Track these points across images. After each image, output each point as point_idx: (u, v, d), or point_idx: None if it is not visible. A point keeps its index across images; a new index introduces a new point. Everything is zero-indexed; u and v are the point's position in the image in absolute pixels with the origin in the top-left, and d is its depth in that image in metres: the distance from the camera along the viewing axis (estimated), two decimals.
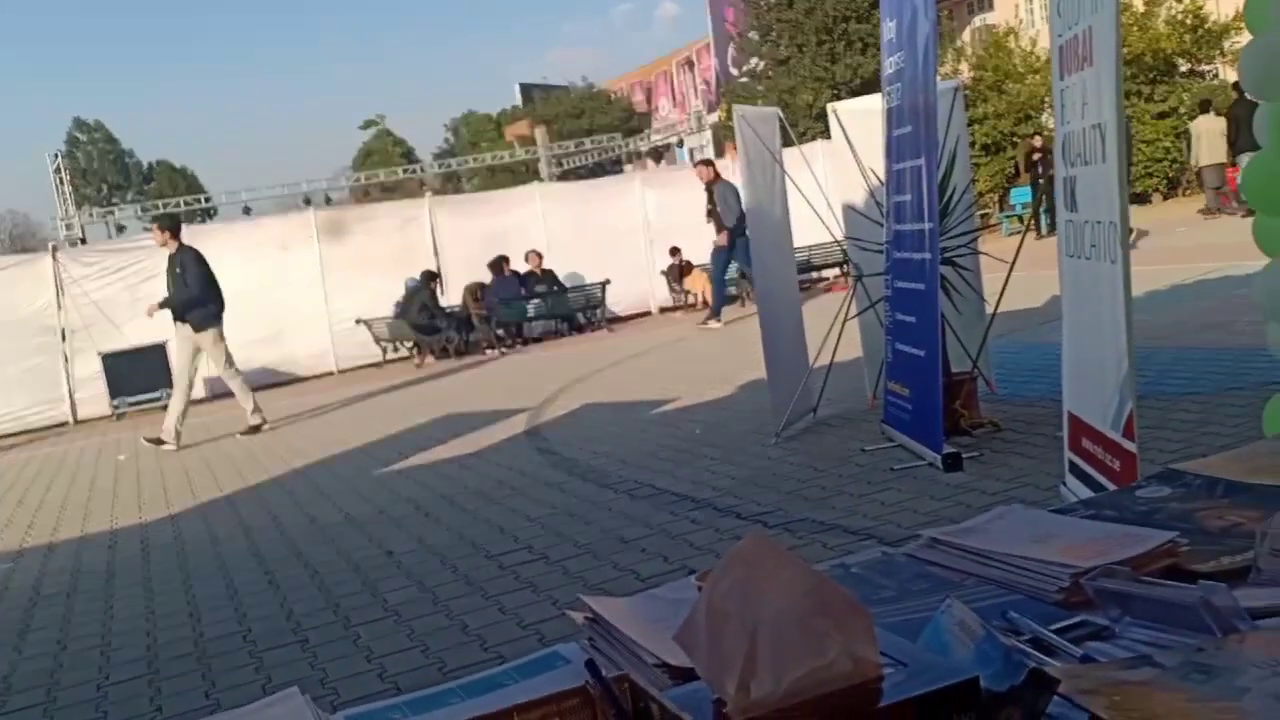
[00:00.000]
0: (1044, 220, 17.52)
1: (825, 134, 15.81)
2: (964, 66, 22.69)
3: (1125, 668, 1.08)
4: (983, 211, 18.96)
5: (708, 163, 14.41)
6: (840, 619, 1.04)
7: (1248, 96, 14.91)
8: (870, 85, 21.10)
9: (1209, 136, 15.72)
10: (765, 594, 1.05)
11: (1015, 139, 20.28)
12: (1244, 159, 15.09)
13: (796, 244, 7.29)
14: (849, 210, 6.70)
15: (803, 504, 4.89)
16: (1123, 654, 1.15)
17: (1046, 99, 20.68)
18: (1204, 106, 16.32)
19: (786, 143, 6.90)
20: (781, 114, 6.92)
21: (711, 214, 13.56)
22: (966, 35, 27.43)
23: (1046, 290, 8.61)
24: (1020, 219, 18.36)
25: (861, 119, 6.58)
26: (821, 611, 1.04)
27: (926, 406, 5.11)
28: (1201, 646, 1.08)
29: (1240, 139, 15.03)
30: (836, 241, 7.10)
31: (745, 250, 13.40)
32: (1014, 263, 5.55)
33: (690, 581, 1.51)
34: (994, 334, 6.27)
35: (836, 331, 6.39)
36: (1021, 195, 19.23)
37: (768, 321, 6.33)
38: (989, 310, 6.06)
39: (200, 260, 9.73)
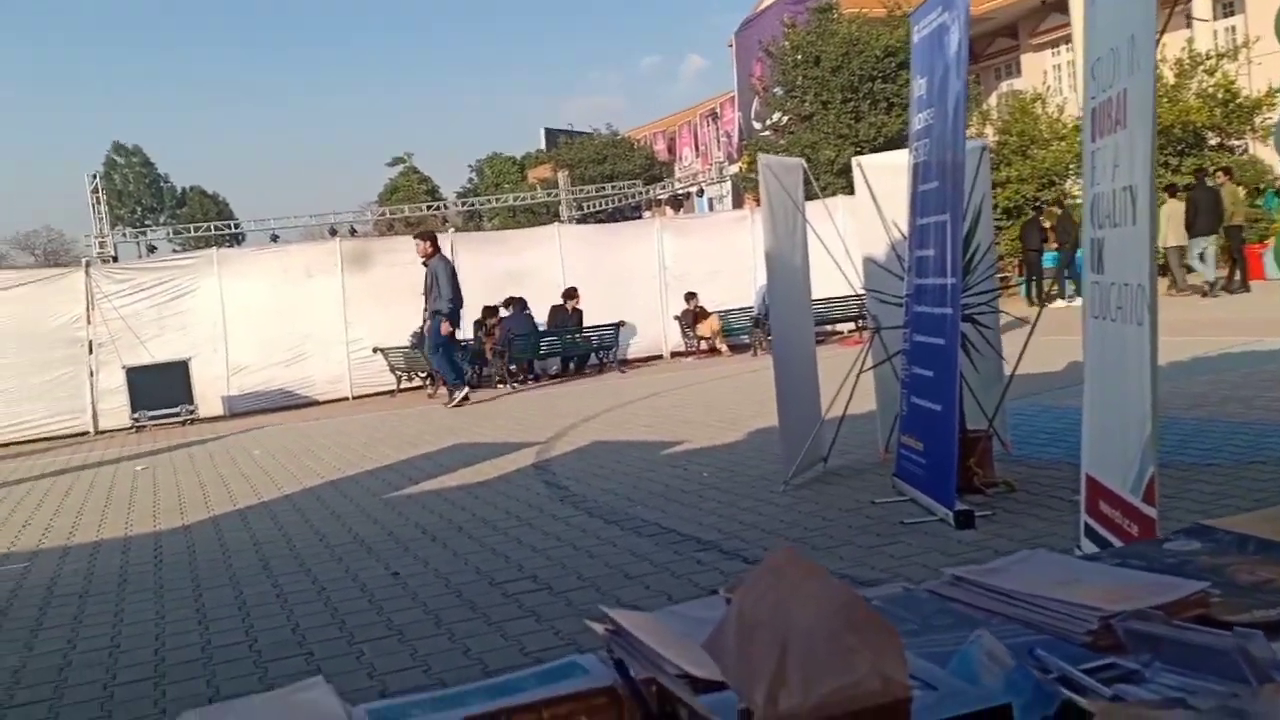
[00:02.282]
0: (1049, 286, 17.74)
1: (846, 190, 15.93)
2: (989, 130, 22.85)
3: (1158, 708, 1.07)
4: (1002, 275, 18.98)
5: (425, 236, 13.43)
6: (870, 638, 1.04)
7: (1207, 183, 15.73)
8: (892, 144, 21.25)
9: (1174, 220, 16.21)
10: (796, 607, 1.05)
11: (1039, 204, 20.35)
12: (1199, 242, 15.94)
13: (813, 296, 7.31)
14: (869, 263, 6.73)
15: (810, 552, 4.85)
16: (1152, 696, 1.14)
17: (1071, 165, 20.81)
18: (1170, 190, 16.82)
19: (809, 195, 6.95)
20: (806, 166, 6.98)
21: (426, 293, 12.84)
22: (993, 100, 27.65)
23: (1065, 355, 8.62)
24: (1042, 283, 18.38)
25: (885, 174, 6.64)
26: (852, 629, 1.04)
27: (940, 462, 5.09)
28: (1236, 694, 1.07)
29: (1198, 222, 15.81)
30: (856, 295, 7.12)
31: (445, 344, 12.72)
32: (1035, 323, 5.56)
33: (715, 600, 1.51)
34: (1010, 395, 6.25)
35: (851, 382, 6.38)
36: (1047, 260, 19.23)
37: (782, 369, 6.33)
38: (1007, 370, 6.05)
39: None
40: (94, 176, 28.97)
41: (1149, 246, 3.49)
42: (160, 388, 13.76)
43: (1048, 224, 18.55)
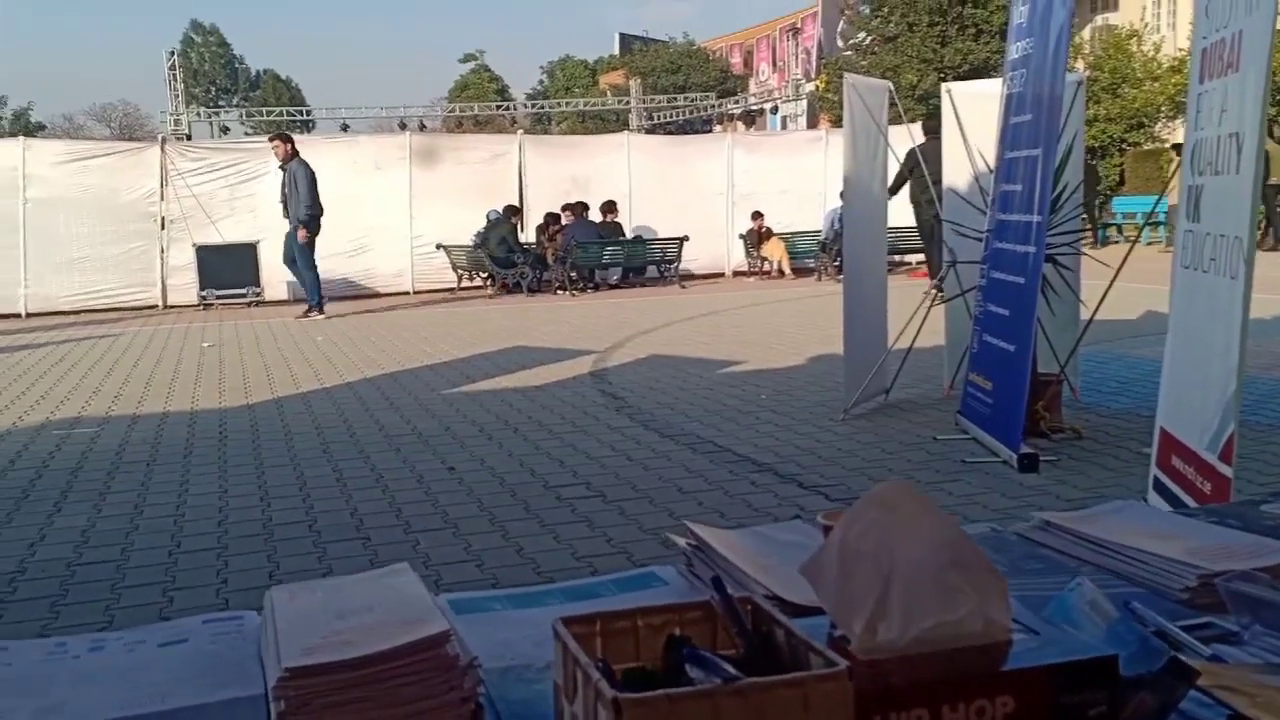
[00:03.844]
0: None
1: (925, 117, 15.50)
2: (1080, 64, 22.05)
3: (1264, 672, 1.04)
4: (1081, 215, 18.47)
5: (284, 138, 12.76)
6: (975, 578, 1.01)
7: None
8: (977, 72, 20.58)
9: None
10: (903, 541, 1.02)
11: (1125, 145, 19.68)
12: None
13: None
14: (949, 194, 6.56)
15: (866, 483, 4.83)
16: (1252, 660, 1.10)
17: (1163, 107, 20.04)
18: None
19: (892, 119, 6.76)
20: (892, 88, 6.78)
21: (285, 199, 12.32)
22: (1086, 33, 26.60)
23: (1142, 303, 8.40)
24: (1119, 228, 17.87)
25: (973, 103, 6.43)
26: (958, 567, 1.02)
27: (1009, 403, 5.00)
28: None
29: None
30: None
31: (306, 252, 12.13)
32: (1119, 269, 5.39)
33: (798, 524, 1.50)
34: (1083, 341, 6.12)
35: (921, 315, 6.28)
36: (1124, 205, 18.69)
37: (851, 295, 6.24)
38: (1084, 314, 5.90)
39: None
40: (171, 53, 29.19)
41: (1251, 197, 3.36)
42: (228, 268, 14.00)
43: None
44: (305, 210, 12.01)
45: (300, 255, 12.29)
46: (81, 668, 1.08)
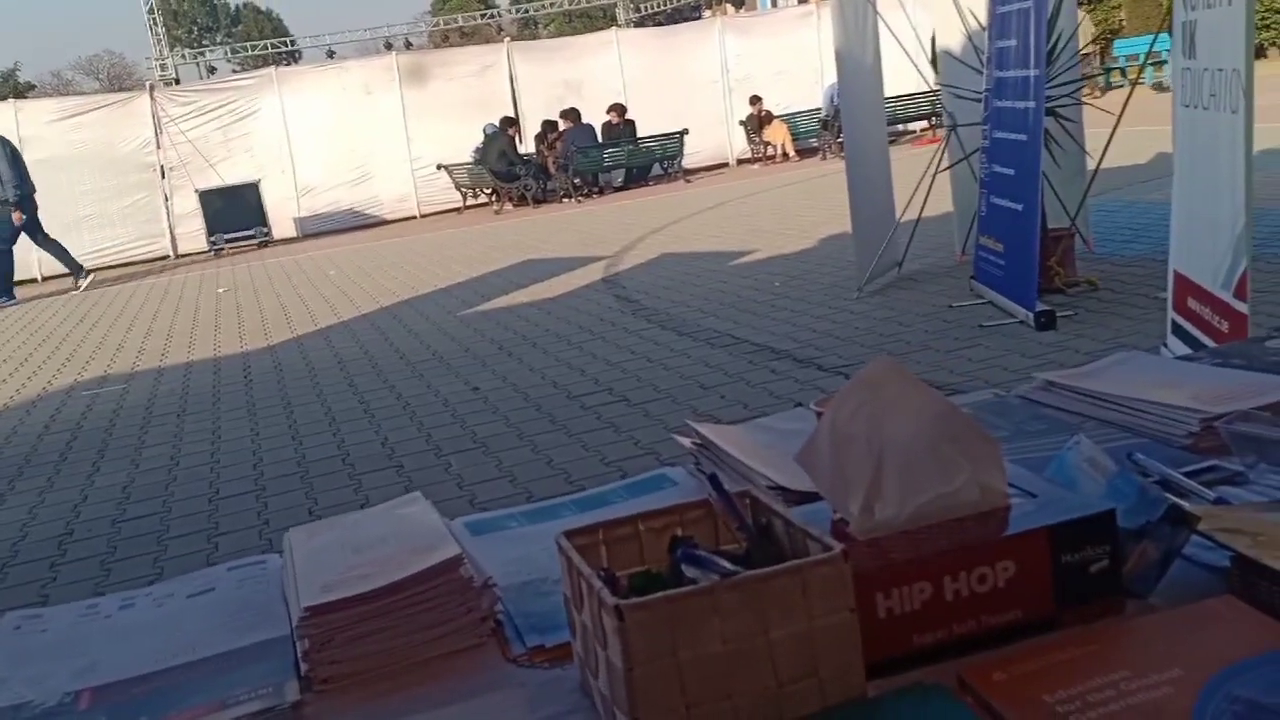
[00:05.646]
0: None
1: None
2: None
3: (1265, 510, 1.05)
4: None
5: None
6: (968, 447, 1.02)
7: None
8: None
9: None
10: (892, 418, 1.03)
11: None
12: None
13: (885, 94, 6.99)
14: (945, 56, 6.41)
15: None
16: (1257, 498, 1.11)
17: None
18: None
19: None
20: None
21: None
22: None
23: (1151, 146, 8.24)
24: (1123, 72, 17.42)
25: None
26: (950, 439, 1.02)
27: (1021, 262, 4.97)
28: None
29: None
30: (930, 91, 6.82)
31: (35, 228, 11.37)
32: (1121, 114, 5.28)
33: (801, 412, 1.51)
34: (1093, 191, 6.03)
35: (926, 184, 6.19)
36: (1125, 47, 18.19)
37: (855, 172, 6.15)
38: (1090, 164, 5.81)
39: None
40: None
41: (1245, 28, 3.26)
42: (234, 210, 13.96)
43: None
44: (13, 191, 11.03)
45: (30, 234, 11.43)
46: (113, 626, 1.12)
